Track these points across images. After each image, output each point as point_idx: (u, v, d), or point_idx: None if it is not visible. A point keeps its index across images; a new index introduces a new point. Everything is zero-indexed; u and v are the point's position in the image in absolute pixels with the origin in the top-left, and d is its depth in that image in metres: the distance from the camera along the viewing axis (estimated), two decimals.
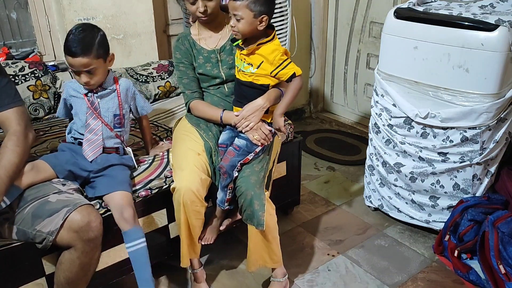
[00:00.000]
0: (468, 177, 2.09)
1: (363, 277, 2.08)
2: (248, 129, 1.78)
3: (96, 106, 1.76)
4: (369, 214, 2.55)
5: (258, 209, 1.72)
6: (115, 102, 1.80)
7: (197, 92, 1.94)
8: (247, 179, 1.75)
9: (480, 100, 1.94)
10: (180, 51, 1.92)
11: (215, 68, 1.90)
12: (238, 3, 1.64)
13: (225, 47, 1.90)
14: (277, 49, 1.73)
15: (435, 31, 1.99)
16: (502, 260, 1.84)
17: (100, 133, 1.76)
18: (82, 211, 1.50)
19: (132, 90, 1.86)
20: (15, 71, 2.27)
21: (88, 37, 1.66)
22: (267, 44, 1.73)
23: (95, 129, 1.75)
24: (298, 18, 3.32)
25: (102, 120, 1.76)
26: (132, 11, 2.63)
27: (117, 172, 1.73)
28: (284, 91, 1.82)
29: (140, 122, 1.98)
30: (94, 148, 1.74)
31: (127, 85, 1.84)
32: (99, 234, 1.54)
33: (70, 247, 1.51)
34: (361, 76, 3.52)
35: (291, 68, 1.74)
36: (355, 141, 3.42)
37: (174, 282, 2.06)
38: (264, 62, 1.74)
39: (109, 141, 1.78)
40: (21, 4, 2.57)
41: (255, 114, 1.78)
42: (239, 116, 1.79)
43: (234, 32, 1.72)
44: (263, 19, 1.67)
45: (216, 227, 1.91)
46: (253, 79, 1.77)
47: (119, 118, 1.81)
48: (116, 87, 1.80)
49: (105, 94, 1.78)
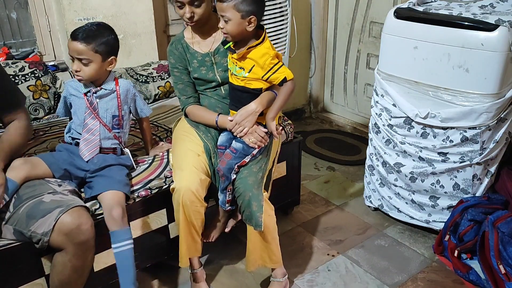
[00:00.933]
0: (468, 177, 2.09)
1: (363, 277, 2.08)
2: (242, 134, 1.77)
3: (95, 106, 1.76)
4: (369, 214, 2.55)
5: (256, 210, 1.72)
6: (114, 103, 1.80)
7: (192, 97, 1.93)
8: (245, 180, 1.75)
9: (480, 100, 1.94)
10: (174, 56, 1.90)
11: (210, 72, 1.89)
12: (225, 4, 1.62)
13: (219, 50, 1.88)
14: (267, 52, 1.70)
15: (435, 31, 1.99)
16: (502, 260, 1.84)
17: (98, 133, 1.76)
18: (73, 213, 1.48)
19: (132, 92, 1.86)
20: (15, 71, 2.27)
21: (97, 31, 1.69)
22: (257, 48, 1.70)
23: (92, 129, 1.75)
24: (298, 18, 3.32)
25: (100, 120, 1.76)
26: (132, 11, 2.63)
27: (114, 172, 1.73)
28: (277, 93, 1.81)
29: (141, 123, 1.97)
30: (91, 148, 1.74)
31: (127, 87, 1.84)
32: (90, 237, 1.51)
33: (63, 249, 1.50)
34: (361, 76, 3.51)
35: (282, 72, 1.71)
36: (355, 141, 3.42)
37: (174, 282, 2.06)
38: (255, 66, 1.71)
39: (106, 141, 1.78)
40: (21, 4, 2.57)
41: (248, 119, 1.77)
42: (233, 122, 1.79)
43: (225, 35, 1.71)
44: (251, 19, 1.65)
45: (220, 227, 1.92)
46: (245, 83, 1.76)
47: (117, 120, 1.81)
48: (116, 88, 1.80)
49: (105, 94, 1.78)
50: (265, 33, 1.73)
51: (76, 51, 1.66)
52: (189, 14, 1.75)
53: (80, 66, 1.69)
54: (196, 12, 1.75)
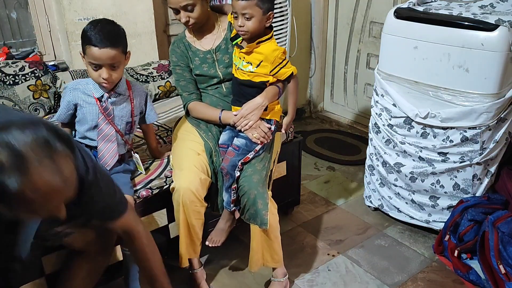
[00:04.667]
0: (468, 177, 2.09)
1: (363, 277, 2.08)
2: (247, 128, 1.78)
3: (110, 112, 1.67)
4: (369, 214, 2.55)
5: (262, 208, 1.72)
6: (128, 109, 1.72)
7: (195, 94, 1.94)
8: (250, 178, 1.75)
9: (480, 100, 1.94)
10: (176, 54, 1.92)
11: (212, 68, 1.90)
12: (247, 2, 1.65)
13: (220, 47, 1.90)
14: (278, 48, 1.76)
15: (435, 31, 1.99)
16: (502, 260, 1.84)
17: (114, 138, 1.68)
18: None
19: (144, 97, 1.79)
20: (15, 70, 2.27)
21: (116, 29, 1.60)
22: (267, 43, 1.75)
23: (108, 134, 1.67)
24: (298, 18, 3.32)
25: (115, 127, 1.68)
26: (132, 11, 2.63)
27: (119, 176, 1.70)
28: (281, 87, 1.84)
29: (144, 127, 1.89)
30: (111, 155, 1.68)
31: (141, 91, 1.77)
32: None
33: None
34: (361, 76, 3.51)
35: (290, 68, 1.78)
36: (355, 141, 3.42)
37: (174, 282, 2.04)
38: (264, 60, 1.75)
39: (121, 147, 1.73)
40: (21, 4, 2.57)
41: (254, 112, 1.78)
42: (238, 115, 1.79)
43: (243, 32, 1.72)
44: (270, 15, 1.70)
45: (225, 230, 1.90)
46: (252, 77, 1.78)
47: (130, 125, 1.75)
48: (129, 93, 1.72)
49: (119, 101, 1.70)
50: (273, 31, 1.78)
51: (110, 58, 1.54)
52: (184, 19, 1.78)
53: (110, 72, 1.57)
54: (191, 16, 1.78)
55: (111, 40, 1.54)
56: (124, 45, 1.61)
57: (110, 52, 1.54)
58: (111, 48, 1.54)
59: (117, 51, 1.56)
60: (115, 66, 1.58)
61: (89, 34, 1.53)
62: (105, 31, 1.54)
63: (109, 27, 1.58)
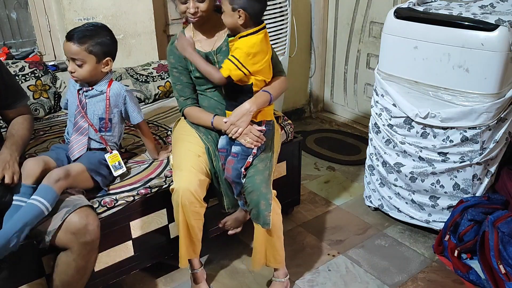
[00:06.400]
0: (468, 177, 2.09)
1: (363, 277, 2.08)
2: (237, 135, 1.77)
3: (84, 105, 1.76)
4: (369, 214, 2.55)
5: (264, 208, 1.72)
6: (102, 105, 1.77)
7: (190, 99, 1.93)
8: (253, 179, 1.75)
9: (480, 100, 1.94)
10: (174, 55, 1.89)
11: None
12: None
13: (221, 49, 1.87)
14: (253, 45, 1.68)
15: (435, 31, 1.99)
16: (502, 260, 1.84)
17: (86, 132, 1.76)
18: (81, 213, 1.50)
19: (123, 96, 1.80)
20: (15, 71, 2.27)
21: (92, 32, 1.68)
22: (248, 37, 1.70)
23: (81, 127, 1.75)
24: (298, 18, 3.32)
25: (88, 120, 1.76)
26: (132, 11, 2.63)
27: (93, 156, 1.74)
28: (272, 94, 1.81)
29: (138, 129, 1.90)
30: (79, 147, 1.74)
31: (119, 90, 1.79)
32: (95, 237, 1.53)
33: (67, 248, 1.51)
34: (361, 76, 3.52)
35: (230, 68, 1.69)
36: (355, 141, 3.42)
37: (174, 282, 2.06)
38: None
39: (94, 143, 1.78)
40: (21, 4, 2.57)
41: (242, 119, 1.76)
42: (227, 123, 1.78)
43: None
44: (239, 13, 1.66)
45: (240, 220, 1.99)
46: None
47: (104, 122, 1.78)
48: (106, 90, 1.77)
49: (94, 95, 1.76)
50: (263, 28, 1.72)
51: (70, 52, 1.66)
52: (193, 9, 1.74)
53: (75, 67, 1.68)
54: (200, 7, 1.75)
55: (78, 37, 1.65)
56: (94, 47, 1.67)
57: (71, 46, 1.65)
58: (74, 43, 1.64)
59: (79, 48, 1.65)
60: (78, 63, 1.67)
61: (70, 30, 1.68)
62: (81, 29, 1.67)
63: (88, 28, 1.68)
